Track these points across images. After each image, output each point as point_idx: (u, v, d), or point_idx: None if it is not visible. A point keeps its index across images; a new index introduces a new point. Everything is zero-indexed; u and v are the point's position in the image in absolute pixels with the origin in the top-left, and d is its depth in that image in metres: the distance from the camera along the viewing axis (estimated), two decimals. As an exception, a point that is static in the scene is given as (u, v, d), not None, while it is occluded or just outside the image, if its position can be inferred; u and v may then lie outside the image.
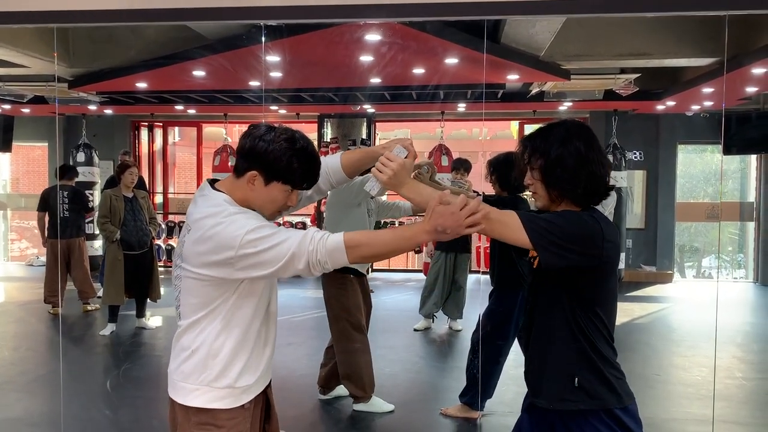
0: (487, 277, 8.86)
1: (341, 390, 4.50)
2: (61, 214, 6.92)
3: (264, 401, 2.09)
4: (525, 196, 4.07)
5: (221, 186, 1.95)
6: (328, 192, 2.17)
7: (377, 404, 4.32)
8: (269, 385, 2.10)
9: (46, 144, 10.70)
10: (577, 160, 1.85)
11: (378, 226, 9.29)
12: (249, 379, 1.95)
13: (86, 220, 7.60)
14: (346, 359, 4.25)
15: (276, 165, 1.85)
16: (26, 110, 8.89)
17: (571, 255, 1.79)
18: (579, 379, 1.87)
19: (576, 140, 1.86)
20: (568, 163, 1.85)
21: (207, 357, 1.90)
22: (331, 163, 2.12)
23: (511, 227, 1.79)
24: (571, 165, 1.85)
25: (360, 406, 4.31)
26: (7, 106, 8.54)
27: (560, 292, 1.88)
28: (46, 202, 6.98)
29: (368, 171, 1.99)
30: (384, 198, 4.43)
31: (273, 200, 1.90)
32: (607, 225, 1.85)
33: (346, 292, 4.17)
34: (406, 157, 1.86)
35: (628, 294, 8.46)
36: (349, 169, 2.12)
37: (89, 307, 7.19)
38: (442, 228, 1.71)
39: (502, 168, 3.96)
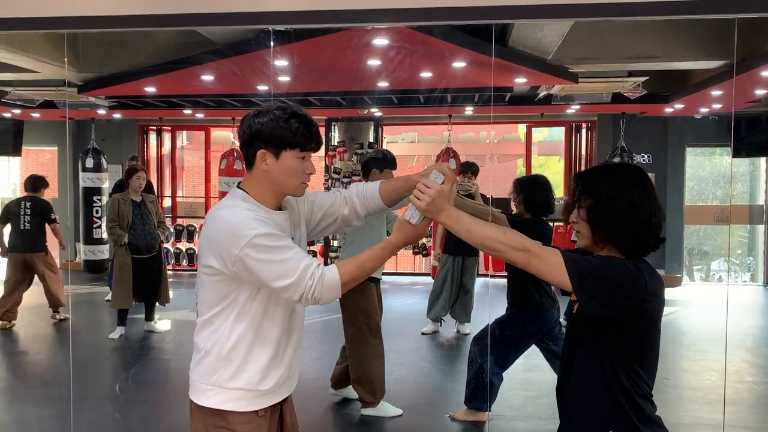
0: (495, 280, 8.85)
1: (351, 392, 4.51)
2: (22, 226, 6.70)
3: (279, 417, 2.04)
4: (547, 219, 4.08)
5: (242, 185, 1.96)
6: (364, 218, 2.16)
7: (385, 409, 4.31)
8: (287, 401, 2.06)
9: (56, 148, 10.76)
10: (628, 207, 1.78)
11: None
12: (265, 383, 1.92)
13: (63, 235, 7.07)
14: (359, 363, 4.25)
15: (278, 133, 1.86)
16: (36, 115, 8.95)
17: (611, 303, 1.73)
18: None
19: (631, 187, 1.79)
20: (617, 209, 1.78)
21: (219, 357, 1.89)
22: (369, 188, 2.11)
23: (552, 265, 1.74)
24: (621, 211, 1.78)
25: (368, 411, 4.31)
26: (17, 111, 8.59)
27: (599, 346, 1.81)
28: (7, 215, 6.78)
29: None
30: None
31: (292, 171, 1.89)
32: (652, 277, 1.77)
33: (363, 294, 4.14)
34: (443, 183, 1.83)
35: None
36: (388, 198, 2.10)
37: (58, 317, 6.94)
38: (406, 237, 1.87)
39: (529, 189, 3.97)
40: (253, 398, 1.92)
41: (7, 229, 6.81)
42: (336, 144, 9.78)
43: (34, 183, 6.92)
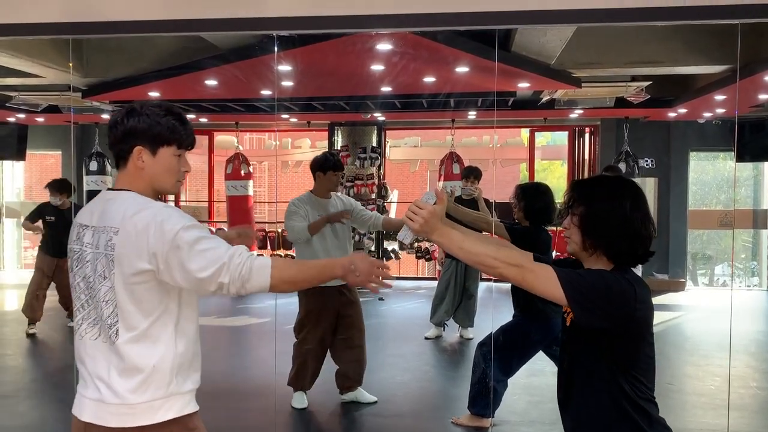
0: (499, 284, 8.84)
1: (359, 395, 4.60)
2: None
3: None
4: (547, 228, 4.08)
5: (122, 186, 1.89)
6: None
7: (294, 398, 4.52)
8: None
9: (60, 152, 10.80)
10: (620, 218, 1.83)
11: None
12: (199, 376, 1.94)
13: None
14: (293, 349, 4.53)
15: (156, 129, 1.84)
16: (40, 119, 8.98)
17: (603, 314, 1.77)
18: None
19: (624, 198, 1.85)
20: (609, 218, 1.84)
21: (173, 366, 1.82)
22: None
23: (545, 279, 1.77)
24: (612, 221, 1.83)
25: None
26: (21, 115, 8.62)
27: (596, 357, 1.85)
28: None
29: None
30: (360, 209, 4.56)
31: (168, 169, 1.88)
32: (639, 286, 1.82)
33: (302, 296, 4.49)
34: (435, 203, 1.83)
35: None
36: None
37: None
38: (355, 267, 1.83)
39: (531, 197, 3.96)
40: (194, 396, 1.92)
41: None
42: (339, 148, 9.80)
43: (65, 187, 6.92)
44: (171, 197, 10.87)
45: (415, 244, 9.54)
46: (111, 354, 1.81)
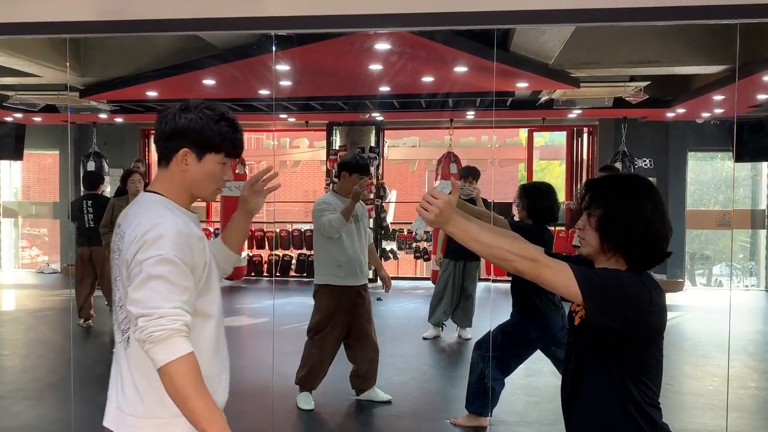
0: (497, 284, 8.82)
1: (374, 394, 4.62)
2: (87, 224, 6.66)
3: None
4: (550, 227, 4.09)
5: (157, 186, 1.82)
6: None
7: (302, 399, 4.49)
8: None
9: (57, 152, 10.78)
10: (638, 219, 1.79)
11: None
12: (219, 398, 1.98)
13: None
14: (305, 349, 4.53)
15: (205, 134, 1.75)
16: (38, 119, 8.97)
17: (618, 315, 1.74)
18: None
19: (642, 198, 1.81)
20: (627, 220, 1.79)
21: None
22: (216, 241, 2.08)
23: (560, 275, 1.73)
24: (631, 223, 1.79)
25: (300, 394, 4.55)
26: (19, 115, 8.61)
27: (605, 358, 1.82)
28: (74, 213, 6.78)
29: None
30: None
31: (211, 175, 1.79)
32: (655, 289, 1.79)
33: (324, 296, 4.42)
34: (450, 193, 1.78)
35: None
36: (231, 243, 2.08)
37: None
38: None
39: (533, 196, 3.97)
40: None
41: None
42: (337, 148, 9.79)
43: (94, 180, 6.97)
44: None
45: (414, 244, 9.53)
46: (124, 360, 1.77)
